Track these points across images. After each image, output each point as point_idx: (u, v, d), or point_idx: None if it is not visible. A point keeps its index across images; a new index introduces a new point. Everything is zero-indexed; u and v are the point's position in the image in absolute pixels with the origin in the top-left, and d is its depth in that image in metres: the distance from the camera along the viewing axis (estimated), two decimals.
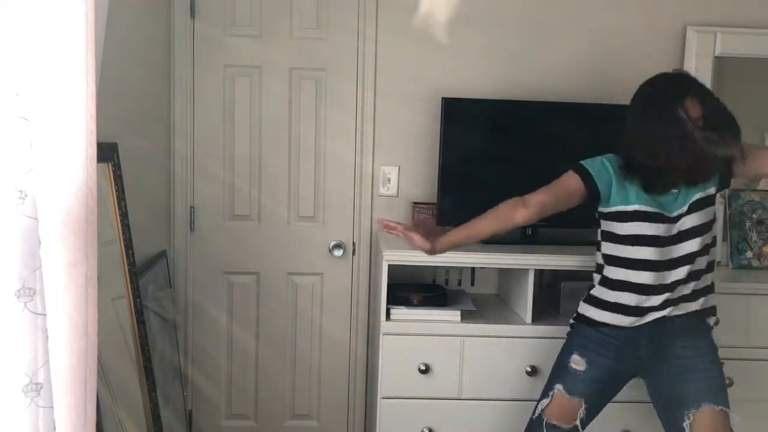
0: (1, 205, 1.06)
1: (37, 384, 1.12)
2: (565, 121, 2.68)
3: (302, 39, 2.82)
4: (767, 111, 2.92)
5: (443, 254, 2.42)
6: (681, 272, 1.96)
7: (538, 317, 2.43)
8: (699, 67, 2.81)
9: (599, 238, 2.09)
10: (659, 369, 2.01)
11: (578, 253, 2.38)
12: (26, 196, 1.07)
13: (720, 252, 2.84)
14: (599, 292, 2.06)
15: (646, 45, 2.83)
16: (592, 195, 2.02)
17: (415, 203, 2.84)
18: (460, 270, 2.83)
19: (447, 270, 2.82)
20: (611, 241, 2.04)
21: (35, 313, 1.10)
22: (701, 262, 2.00)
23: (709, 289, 2.05)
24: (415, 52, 2.82)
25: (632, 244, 1.98)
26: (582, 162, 2.04)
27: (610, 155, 2.05)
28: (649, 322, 1.99)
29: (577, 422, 2.01)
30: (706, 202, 1.99)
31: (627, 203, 1.98)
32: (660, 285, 1.96)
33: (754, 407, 2.55)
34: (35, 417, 1.12)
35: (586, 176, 2.01)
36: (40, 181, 1.07)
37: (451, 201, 2.67)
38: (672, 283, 1.97)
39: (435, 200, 2.72)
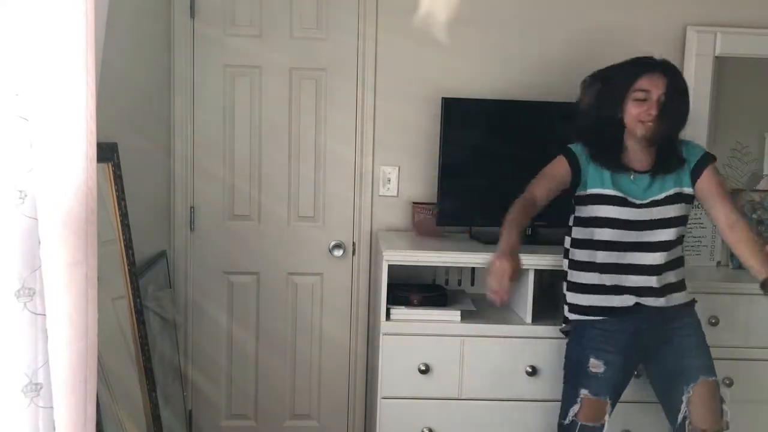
0: (1, 205, 1.06)
1: (36, 384, 1.11)
2: (565, 121, 2.67)
3: (302, 39, 2.82)
4: (767, 111, 2.92)
5: (443, 254, 2.44)
6: (658, 257, 2.09)
7: (538, 317, 2.43)
8: (699, 67, 2.82)
9: (570, 223, 2.22)
10: (659, 351, 2.15)
11: None
12: (26, 196, 1.07)
13: (720, 252, 2.85)
14: (573, 276, 2.19)
15: (646, 45, 2.82)
16: (575, 175, 2.15)
17: (415, 203, 2.84)
18: (460, 270, 2.83)
19: (447, 270, 2.82)
20: (579, 225, 2.18)
21: (35, 313, 1.10)
22: (677, 252, 2.15)
23: (683, 282, 2.20)
24: (415, 52, 2.82)
25: (596, 226, 2.12)
26: (571, 146, 2.19)
27: (575, 144, 2.21)
28: (647, 310, 2.10)
29: (606, 418, 2.11)
30: (683, 198, 2.12)
31: (602, 187, 2.11)
32: (637, 265, 2.09)
33: (754, 407, 2.55)
34: (35, 417, 1.12)
35: (570, 157, 2.16)
36: (40, 181, 1.07)
37: (451, 201, 2.67)
38: (650, 266, 2.09)
39: (435, 200, 2.72)
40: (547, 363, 2.38)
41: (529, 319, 2.41)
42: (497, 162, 2.70)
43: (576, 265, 2.19)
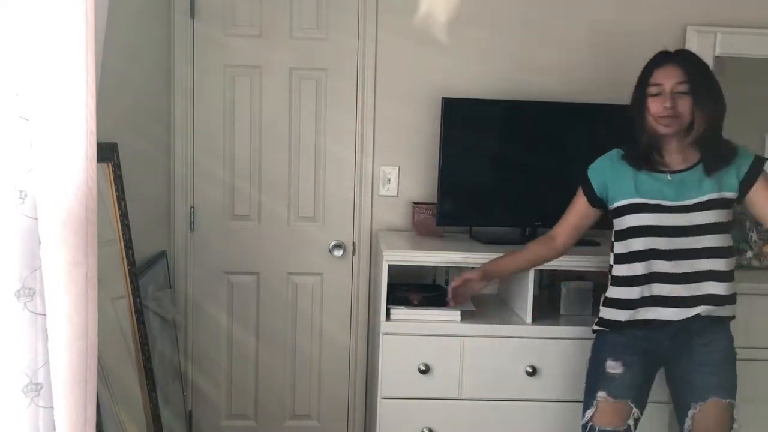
0: (1, 205, 1.06)
1: (36, 384, 1.11)
2: (565, 121, 2.68)
3: (302, 39, 2.82)
4: (767, 111, 2.92)
5: (443, 254, 2.43)
6: (689, 265, 1.96)
7: (538, 317, 2.43)
8: None
9: (612, 239, 2.11)
10: (678, 361, 2.06)
11: (578, 253, 2.37)
12: (26, 196, 1.07)
13: None
14: (610, 292, 2.09)
15: (646, 45, 2.80)
16: (595, 202, 2.09)
17: (415, 203, 2.84)
18: (460, 270, 2.83)
19: (447, 270, 2.82)
20: (617, 239, 2.06)
21: (35, 313, 1.10)
22: (718, 262, 1.98)
23: (726, 297, 2.01)
24: (415, 52, 2.82)
25: (631, 237, 2.00)
26: (588, 170, 2.12)
27: (614, 150, 2.10)
28: (673, 321, 1.99)
29: (630, 422, 2.03)
30: (722, 203, 1.97)
31: (626, 197, 2.01)
32: (676, 274, 1.97)
33: (754, 407, 2.55)
34: (35, 417, 1.12)
35: (585, 185, 2.11)
36: (40, 181, 1.07)
37: (451, 201, 2.67)
38: (681, 274, 1.97)
39: (435, 200, 2.72)
40: (547, 363, 2.38)
41: (529, 319, 2.41)
42: (497, 162, 2.70)
43: (615, 281, 2.08)
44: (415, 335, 2.38)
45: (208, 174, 2.86)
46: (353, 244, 2.91)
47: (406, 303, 2.42)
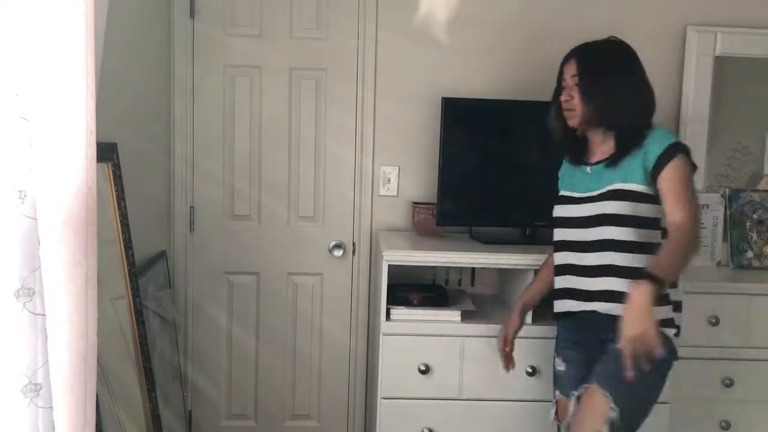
0: (1, 205, 1.06)
1: (36, 384, 1.11)
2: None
3: (302, 39, 2.82)
4: (767, 111, 2.92)
5: (443, 254, 2.43)
6: (598, 258, 1.90)
7: (538, 317, 2.42)
8: (699, 67, 2.82)
9: None
10: (600, 352, 1.94)
11: None
12: (26, 196, 1.07)
13: (720, 252, 2.85)
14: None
15: (646, 45, 2.81)
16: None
17: (415, 203, 2.84)
18: (460, 270, 2.83)
19: (447, 270, 2.82)
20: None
21: (35, 314, 1.10)
22: (623, 258, 1.87)
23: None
24: (415, 52, 2.82)
25: (555, 227, 2.05)
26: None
27: None
28: (584, 314, 1.95)
29: (569, 418, 2.00)
30: (628, 194, 1.87)
31: (562, 189, 2.09)
32: (581, 266, 1.94)
33: (754, 407, 2.55)
34: (35, 417, 1.12)
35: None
36: (40, 181, 1.07)
37: (451, 201, 2.67)
38: (586, 267, 1.93)
39: (435, 200, 2.72)
40: (547, 363, 2.37)
41: (529, 319, 2.41)
42: (497, 162, 2.70)
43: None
44: (415, 335, 2.38)
45: (208, 174, 2.86)
46: (353, 244, 2.91)
47: (406, 303, 2.42)
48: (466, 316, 2.42)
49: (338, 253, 2.91)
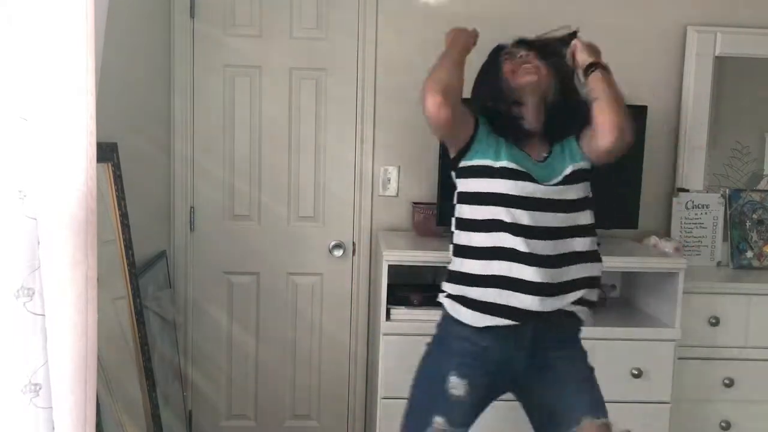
0: (1, 205, 1.06)
1: (36, 385, 1.11)
2: None
3: (302, 39, 2.82)
4: (767, 111, 2.92)
5: (443, 254, 2.42)
6: (571, 244, 1.74)
7: None
8: (699, 67, 2.82)
9: (455, 201, 1.90)
10: (535, 380, 1.77)
11: None
12: (26, 196, 1.07)
13: (720, 252, 2.85)
14: (455, 265, 1.82)
15: (646, 45, 2.83)
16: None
17: (415, 203, 2.84)
18: None
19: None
20: (467, 203, 1.84)
21: (35, 314, 1.10)
22: (587, 243, 1.76)
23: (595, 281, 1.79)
24: (415, 52, 2.82)
25: (495, 204, 1.74)
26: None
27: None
28: (529, 318, 1.70)
29: None
30: (582, 176, 1.80)
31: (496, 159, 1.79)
32: (542, 256, 1.71)
33: (754, 407, 2.55)
34: (34, 418, 1.12)
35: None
36: (40, 181, 1.07)
37: (451, 201, 2.66)
38: (555, 256, 1.72)
39: (435, 200, 2.72)
40: None
41: None
42: None
43: (459, 251, 1.81)
44: (415, 335, 2.37)
45: (208, 174, 2.86)
46: (353, 244, 2.91)
47: (406, 303, 2.42)
48: None
49: (338, 253, 2.91)
